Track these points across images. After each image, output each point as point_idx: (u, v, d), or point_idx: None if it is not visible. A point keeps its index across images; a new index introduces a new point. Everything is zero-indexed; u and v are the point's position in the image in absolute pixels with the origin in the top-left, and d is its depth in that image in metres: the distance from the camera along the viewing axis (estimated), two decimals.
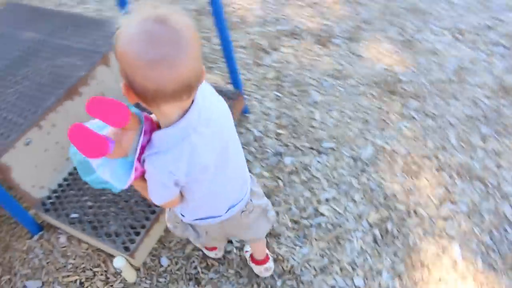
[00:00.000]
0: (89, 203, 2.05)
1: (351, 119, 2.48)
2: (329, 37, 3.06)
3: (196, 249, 2.02)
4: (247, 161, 2.32)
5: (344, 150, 2.33)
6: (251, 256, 1.93)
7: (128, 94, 1.02)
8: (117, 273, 1.96)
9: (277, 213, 2.09)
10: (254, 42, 3.11)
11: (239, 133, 2.46)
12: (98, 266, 2.01)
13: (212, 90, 1.27)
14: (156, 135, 1.13)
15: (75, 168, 2.20)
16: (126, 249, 1.85)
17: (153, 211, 1.96)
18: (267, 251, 1.92)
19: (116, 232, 1.92)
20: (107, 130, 1.09)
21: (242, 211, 1.50)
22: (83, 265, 2.03)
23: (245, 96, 2.61)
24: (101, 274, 1.98)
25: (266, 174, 2.27)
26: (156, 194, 1.23)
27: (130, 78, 0.98)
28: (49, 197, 2.12)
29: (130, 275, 1.92)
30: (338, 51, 2.95)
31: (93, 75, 2.22)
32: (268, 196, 2.16)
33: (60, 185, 2.15)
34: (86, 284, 1.97)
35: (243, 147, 2.34)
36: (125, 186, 1.16)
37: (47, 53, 2.37)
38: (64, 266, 2.04)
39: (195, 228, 1.56)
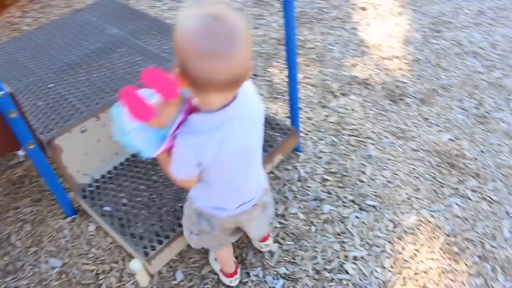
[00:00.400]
0: (124, 201, 2.10)
1: (402, 183, 2.39)
2: (402, 95, 2.99)
3: (213, 272, 2.01)
4: (286, 198, 2.30)
5: (386, 212, 2.24)
6: None
7: (182, 81, 1.13)
8: (132, 274, 1.99)
9: (301, 258, 2.04)
10: (325, 83, 3.10)
11: (285, 169, 2.45)
12: (116, 262, 2.05)
13: (254, 90, 1.36)
14: (194, 117, 1.24)
15: (120, 164, 2.28)
16: (145, 254, 1.87)
17: (180, 225, 1.97)
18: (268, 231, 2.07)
19: (140, 235, 1.95)
20: (152, 101, 1.19)
21: (253, 205, 1.60)
22: (103, 258, 2.08)
23: (301, 134, 2.59)
24: (117, 271, 2.02)
25: (301, 216, 2.23)
26: (177, 168, 1.34)
27: (185, 67, 1.09)
28: (90, 185, 2.19)
29: (143, 280, 1.94)
30: (407, 110, 2.87)
31: None
32: (297, 238, 2.12)
33: (103, 176, 2.23)
34: (101, 277, 2.01)
35: (285, 184, 2.35)
36: (154, 155, 1.28)
37: (125, 51, 2.49)
38: (86, 254, 2.10)
39: (210, 221, 1.59)
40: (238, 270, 1.98)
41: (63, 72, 2.38)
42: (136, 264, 1.87)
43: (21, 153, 1.92)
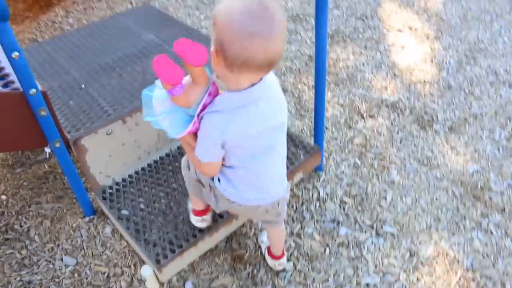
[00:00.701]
0: (142, 206, 2.13)
1: (423, 211, 2.34)
2: (430, 121, 2.93)
3: (223, 285, 2.01)
4: (303, 217, 2.29)
5: (404, 240, 2.19)
6: (268, 248, 2.05)
7: (217, 60, 1.21)
8: (142, 281, 2.00)
9: (313, 280, 2.02)
10: (354, 103, 3.08)
11: (305, 188, 2.43)
12: (128, 266, 2.07)
13: (277, 81, 1.44)
14: (220, 96, 1.32)
15: (142, 169, 2.31)
16: (157, 261, 1.88)
17: (195, 235, 1.98)
18: (283, 247, 2.03)
19: (154, 242, 1.96)
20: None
21: (267, 210, 1.66)
22: (116, 261, 2.10)
23: (324, 154, 2.57)
24: (128, 276, 2.04)
25: (316, 237, 2.21)
26: (202, 149, 1.39)
27: (226, 47, 1.16)
28: (110, 187, 2.23)
29: (152, 287, 1.95)
30: (434, 137, 2.81)
31: None
32: (310, 259, 2.10)
33: (123, 180, 2.26)
34: (112, 279, 2.04)
35: (303, 203, 2.33)
36: (179, 136, 1.37)
37: None
38: (100, 255, 2.13)
39: (218, 201, 1.66)
40: (209, 212, 1.98)
41: (96, 74, 2.44)
42: (147, 271, 1.88)
43: (47, 149, 1.97)
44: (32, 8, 4.57)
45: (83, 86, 2.35)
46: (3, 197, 2.52)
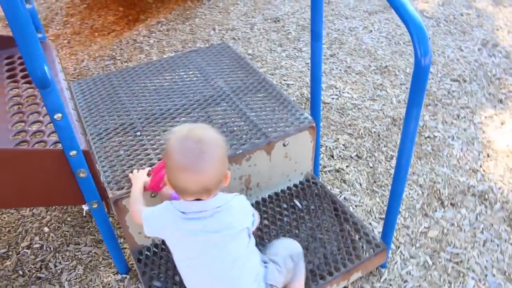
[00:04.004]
0: (177, 278, 1.94)
1: None
2: None
3: None
4: None
5: None
6: None
7: (168, 184, 1.41)
8: None
9: None
10: (434, 186, 2.69)
11: (361, 287, 2.11)
12: None
13: (242, 207, 1.52)
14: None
15: None
16: None
17: None
18: None
19: None
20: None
21: None
22: None
23: (392, 246, 2.24)
24: None
25: None
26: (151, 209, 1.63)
27: (168, 174, 1.40)
28: (148, 249, 2.06)
29: None
30: None
31: (249, 156, 2.10)
32: None
33: (163, 242, 2.07)
34: None
35: None
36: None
37: (223, 110, 2.33)
38: None
39: None
40: None
41: (154, 121, 2.27)
42: None
43: (85, 207, 1.83)
44: (120, 22, 4.60)
45: (138, 133, 2.20)
46: (46, 229, 2.43)
